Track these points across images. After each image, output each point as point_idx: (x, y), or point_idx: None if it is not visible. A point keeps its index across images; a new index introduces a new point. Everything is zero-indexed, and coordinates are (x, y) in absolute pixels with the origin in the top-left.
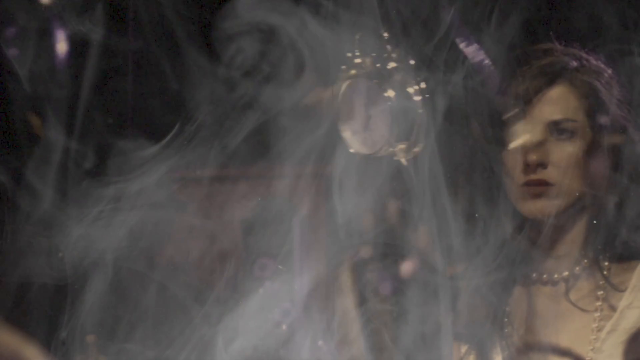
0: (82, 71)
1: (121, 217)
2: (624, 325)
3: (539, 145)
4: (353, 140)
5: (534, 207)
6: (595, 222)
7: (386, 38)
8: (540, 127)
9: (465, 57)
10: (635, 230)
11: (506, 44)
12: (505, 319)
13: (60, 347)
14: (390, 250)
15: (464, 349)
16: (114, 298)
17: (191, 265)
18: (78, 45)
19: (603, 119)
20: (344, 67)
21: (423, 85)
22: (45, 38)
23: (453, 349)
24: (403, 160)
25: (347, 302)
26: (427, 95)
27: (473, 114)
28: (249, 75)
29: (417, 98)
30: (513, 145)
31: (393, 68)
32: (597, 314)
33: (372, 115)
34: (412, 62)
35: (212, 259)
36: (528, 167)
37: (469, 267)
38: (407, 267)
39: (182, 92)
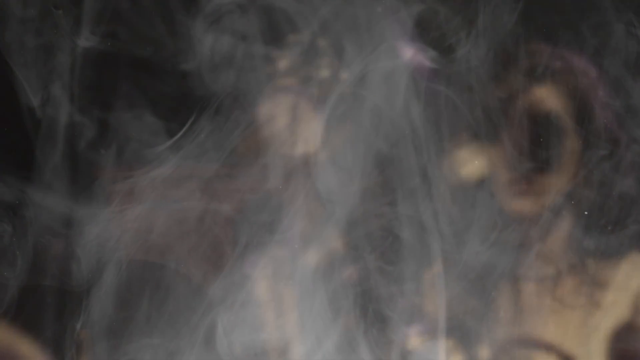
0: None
1: (130, 213)
2: (608, 322)
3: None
4: (275, 143)
5: (519, 205)
6: (581, 218)
7: (320, 48)
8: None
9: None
10: (620, 228)
11: (493, 44)
12: (492, 315)
13: (76, 339)
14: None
15: (450, 343)
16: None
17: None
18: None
19: (587, 119)
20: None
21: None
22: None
23: (440, 345)
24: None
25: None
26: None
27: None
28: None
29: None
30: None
31: (325, 78)
32: (581, 311)
33: (297, 119)
34: (344, 75)
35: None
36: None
37: (456, 263)
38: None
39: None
